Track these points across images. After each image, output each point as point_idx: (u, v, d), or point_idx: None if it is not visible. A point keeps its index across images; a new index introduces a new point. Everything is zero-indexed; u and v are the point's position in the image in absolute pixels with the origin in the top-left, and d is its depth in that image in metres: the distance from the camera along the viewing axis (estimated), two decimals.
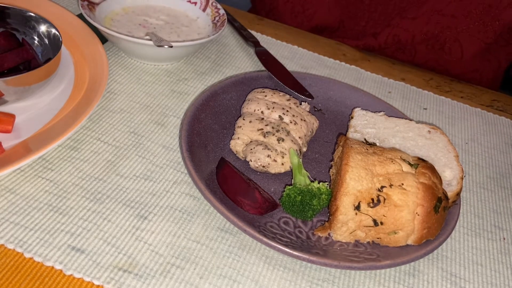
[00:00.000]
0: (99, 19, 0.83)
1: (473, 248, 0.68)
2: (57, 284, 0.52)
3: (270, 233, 0.60)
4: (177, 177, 0.67)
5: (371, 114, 0.78)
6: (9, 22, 0.74)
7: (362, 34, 1.11)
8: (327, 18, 1.12)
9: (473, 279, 0.64)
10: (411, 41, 1.08)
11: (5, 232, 0.55)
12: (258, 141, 0.69)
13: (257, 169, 0.67)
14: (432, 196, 0.60)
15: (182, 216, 0.62)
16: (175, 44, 0.78)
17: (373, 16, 1.09)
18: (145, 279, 0.55)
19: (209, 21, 0.90)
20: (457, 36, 1.05)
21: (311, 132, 0.74)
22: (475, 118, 0.93)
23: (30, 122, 0.66)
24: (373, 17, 1.09)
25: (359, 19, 1.10)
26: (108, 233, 0.58)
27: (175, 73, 0.85)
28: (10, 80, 0.64)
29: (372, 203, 0.59)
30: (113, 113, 0.74)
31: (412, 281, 0.61)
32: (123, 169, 0.66)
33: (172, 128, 0.74)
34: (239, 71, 0.90)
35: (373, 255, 0.60)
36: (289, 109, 0.73)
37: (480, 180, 0.80)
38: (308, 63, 0.97)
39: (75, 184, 0.62)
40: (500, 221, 0.73)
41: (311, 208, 0.63)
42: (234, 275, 0.57)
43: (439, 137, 0.75)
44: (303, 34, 1.06)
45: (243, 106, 0.75)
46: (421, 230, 0.60)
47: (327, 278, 0.59)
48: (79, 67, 0.76)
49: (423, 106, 0.93)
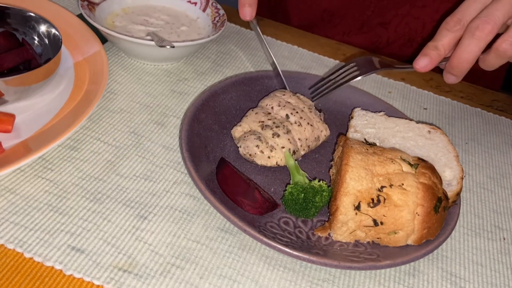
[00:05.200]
0: (99, 19, 0.83)
1: (473, 248, 0.68)
2: (57, 284, 0.52)
3: (270, 233, 0.60)
4: (177, 177, 0.67)
5: (371, 114, 0.78)
6: (9, 22, 0.74)
7: (368, 24, 1.10)
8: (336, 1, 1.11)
9: (473, 279, 0.64)
10: (421, 31, 1.07)
11: (5, 232, 0.55)
12: (255, 131, 0.70)
13: (244, 156, 0.69)
14: (432, 196, 0.60)
15: (182, 216, 0.62)
16: (175, 44, 0.78)
17: (381, 4, 1.07)
18: (145, 279, 0.55)
19: (209, 21, 0.90)
20: None
21: (316, 139, 0.73)
22: (475, 118, 0.93)
23: (30, 122, 0.66)
24: (380, 5, 1.07)
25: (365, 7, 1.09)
26: (108, 233, 0.58)
27: (175, 73, 0.85)
28: (10, 80, 0.64)
29: (372, 203, 0.59)
30: (113, 113, 0.74)
31: (412, 281, 0.61)
32: (123, 169, 0.66)
33: (172, 128, 0.74)
34: (239, 71, 0.90)
35: (373, 255, 0.60)
36: (300, 111, 0.73)
37: (480, 180, 0.80)
38: (308, 63, 0.97)
39: (75, 184, 0.62)
40: (500, 221, 0.73)
41: (314, 205, 0.63)
42: (234, 275, 0.57)
43: (439, 137, 0.75)
44: (303, 34, 1.06)
45: (261, 99, 0.77)
46: (421, 230, 0.60)
47: (327, 278, 0.59)
48: (79, 67, 0.76)
49: (423, 106, 0.93)
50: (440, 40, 0.72)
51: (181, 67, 0.87)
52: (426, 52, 0.73)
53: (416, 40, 1.08)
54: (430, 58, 0.73)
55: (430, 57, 0.73)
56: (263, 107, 0.75)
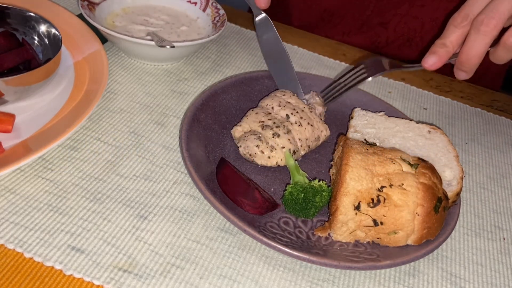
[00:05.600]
0: (99, 19, 0.83)
1: (473, 248, 0.68)
2: (57, 284, 0.52)
3: (270, 233, 0.60)
4: (177, 177, 0.67)
5: (371, 114, 0.78)
6: (9, 22, 0.74)
7: (368, 24, 1.10)
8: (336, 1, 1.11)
9: (473, 279, 0.64)
10: (420, 30, 1.07)
11: (5, 232, 0.55)
12: (255, 131, 0.70)
13: (244, 156, 0.69)
14: (432, 196, 0.60)
15: (182, 216, 0.62)
16: (175, 44, 0.78)
17: (380, 4, 1.07)
18: (145, 279, 0.55)
19: (209, 21, 0.90)
20: None
21: (316, 139, 0.73)
22: (475, 118, 0.93)
23: (30, 122, 0.66)
24: (380, 4, 1.07)
25: (365, 7, 1.09)
26: (108, 233, 0.58)
27: (175, 73, 0.85)
28: (10, 80, 0.64)
29: (372, 203, 0.59)
30: (113, 113, 0.74)
31: (412, 281, 0.61)
32: (123, 169, 0.66)
33: (172, 128, 0.74)
34: (239, 71, 0.90)
35: (373, 255, 0.60)
36: (300, 111, 0.73)
37: (480, 180, 0.80)
38: (308, 63, 0.97)
39: (75, 184, 0.62)
40: (500, 221, 0.73)
41: (313, 205, 0.63)
42: (234, 275, 0.57)
43: (439, 137, 0.75)
44: (303, 34, 1.06)
45: (261, 99, 0.77)
46: (421, 230, 0.60)
47: (327, 278, 0.59)
48: (79, 67, 0.76)
49: (423, 106, 0.93)
50: (448, 37, 0.72)
51: (181, 67, 0.87)
52: (434, 50, 0.73)
53: (415, 39, 1.08)
54: (438, 55, 0.72)
55: (438, 55, 0.72)
56: (263, 107, 0.75)
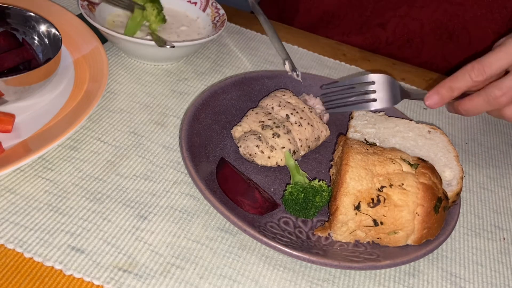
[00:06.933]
0: (99, 19, 0.83)
1: (473, 248, 0.68)
2: (57, 284, 0.52)
3: (270, 233, 0.60)
4: (177, 177, 0.67)
5: (371, 114, 0.78)
6: (9, 22, 0.74)
7: (367, 25, 1.10)
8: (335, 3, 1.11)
9: (473, 279, 0.64)
10: (419, 31, 1.07)
11: (5, 232, 0.55)
12: (255, 131, 0.70)
13: (245, 156, 0.69)
14: (432, 196, 0.60)
15: (182, 216, 0.62)
16: (175, 44, 0.78)
17: (379, 5, 1.07)
18: (145, 279, 0.55)
19: (209, 21, 0.90)
20: (465, 24, 1.04)
21: (316, 139, 0.73)
22: (475, 118, 0.93)
23: (30, 122, 0.66)
24: (379, 6, 1.07)
25: (364, 8, 1.09)
26: (108, 233, 0.58)
27: (175, 73, 0.85)
28: (10, 80, 0.64)
29: (372, 203, 0.60)
30: (113, 113, 0.74)
31: (412, 281, 0.61)
32: (123, 169, 0.66)
33: (172, 128, 0.74)
34: (239, 71, 0.90)
35: (373, 255, 0.60)
36: (300, 111, 0.73)
37: (480, 180, 0.80)
38: (308, 63, 0.97)
39: (75, 184, 0.62)
40: (500, 221, 0.73)
41: (314, 205, 0.63)
42: (234, 275, 0.57)
43: (439, 137, 0.75)
44: (303, 34, 1.06)
45: (261, 99, 0.77)
46: (421, 230, 0.60)
47: (327, 278, 0.59)
48: (79, 67, 0.76)
49: (423, 106, 0.93)
50: (458, 83, 0.74)
51: (181, 67, 0.87)
52: (439, 91, 0.74)
53: (415, 40, 1.08)
54: (441, 97, 0.74)
55: (442, 97, 0.74)
56: (263, 107, 0.75)
